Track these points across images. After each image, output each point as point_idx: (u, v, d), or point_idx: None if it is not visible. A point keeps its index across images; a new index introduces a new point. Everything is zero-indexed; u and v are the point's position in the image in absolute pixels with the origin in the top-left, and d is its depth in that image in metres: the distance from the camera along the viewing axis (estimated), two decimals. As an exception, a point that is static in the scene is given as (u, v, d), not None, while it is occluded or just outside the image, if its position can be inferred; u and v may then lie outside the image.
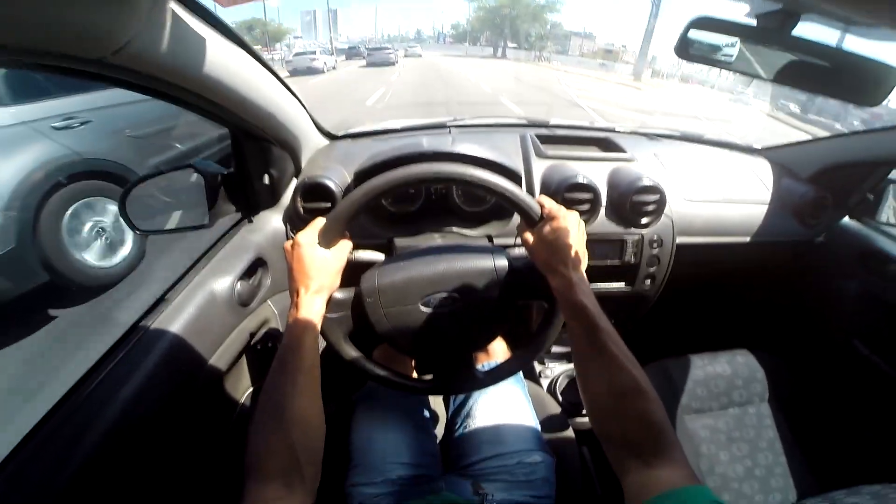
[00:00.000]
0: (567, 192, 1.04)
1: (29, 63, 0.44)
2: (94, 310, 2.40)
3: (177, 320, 0.78)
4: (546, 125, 1.46)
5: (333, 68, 21.47)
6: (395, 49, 28.62)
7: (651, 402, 0.52)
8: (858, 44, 0.66)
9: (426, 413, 0.92)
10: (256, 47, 0.77)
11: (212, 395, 0.87)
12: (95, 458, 0.60)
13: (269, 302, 1.05)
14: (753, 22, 0.65)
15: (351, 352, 0.71)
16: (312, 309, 0.63)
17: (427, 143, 1.02)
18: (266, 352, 1.02)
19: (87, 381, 0.67)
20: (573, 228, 0.66)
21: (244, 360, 0.99)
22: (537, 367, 1.39)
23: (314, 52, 22.13)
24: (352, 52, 30.78)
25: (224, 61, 0.67)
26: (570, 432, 0.96)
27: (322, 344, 0.67)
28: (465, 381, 0.76)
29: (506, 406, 0.88)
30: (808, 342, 1.39)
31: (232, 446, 0.91)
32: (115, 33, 0.45)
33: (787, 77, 0.71)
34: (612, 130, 1.45)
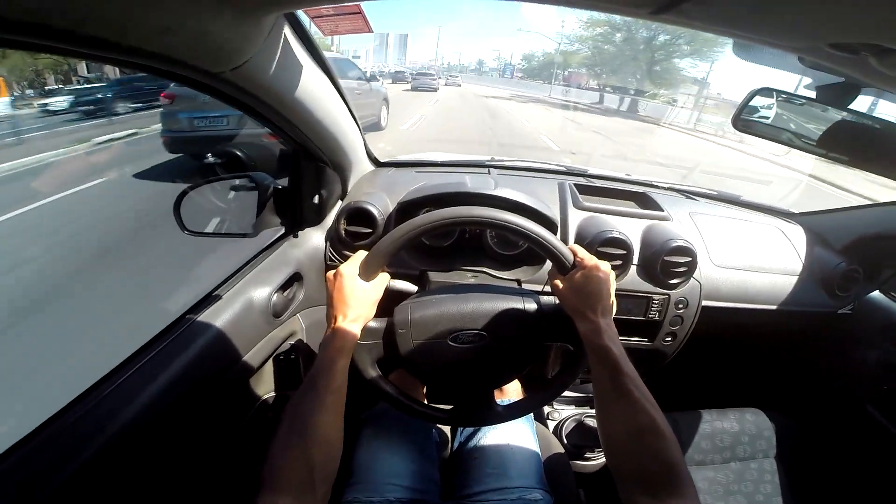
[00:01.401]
0: (601, 245, 1.06)
1: (154, 68, 0.49)
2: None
3: (215, 322, 0.83)
4: (585, 174, 1.49)
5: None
6: (438, 77, 29.31)
7: (668, 442, 0.54)
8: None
9: (432, 440, 0.94)
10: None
11: (236, 395, 0.91)
12: (127, 435, 0.63)
13: (298, 315, 1.09)
14: (813, 94, 0.67)
15: (378, 378, 0.74)
16: (347, 336, 0.67)
17: (471, 183, 1.06)
18: (289, 362, 1.06)
19: (130, 364, 0.71)
20: (605, 278, 0.69)
21: (268, 367, 1.03)
22: (546, 409, 1.39)
23: (433, 74, 27.69)
24: (398, 77, 32.36)
25: (313, 87, 0.73)
26: (570, 474, 0.97)
27: None
28: (484, 415, 0.78)
29: (513, 442, 0.90)
30: (820, 405, 1.37)
31: (246, 446, 0.94)
32: (240, 51, 0.51)
33: (835, 149, 0.72)
34: (650, 185, 1.47)
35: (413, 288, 0.83)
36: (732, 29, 0.36)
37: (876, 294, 1.29)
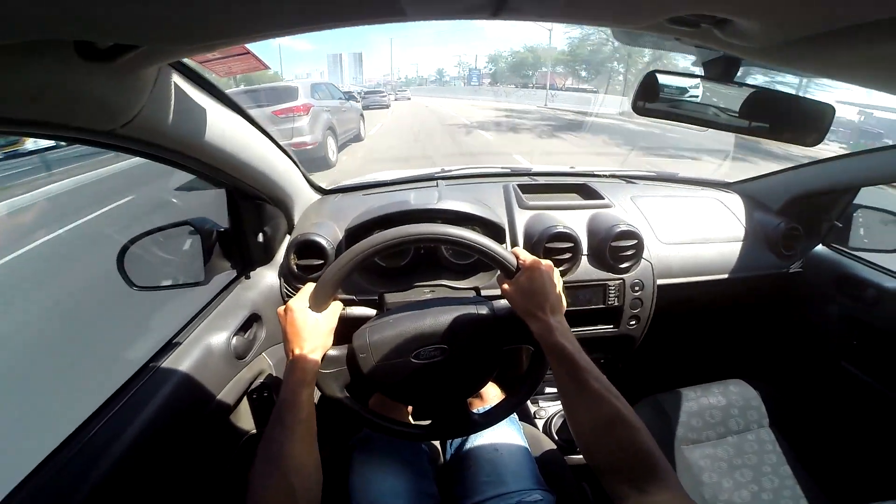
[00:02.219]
0: (549, 241, 1.08)
1: (44, 134, 0.48)
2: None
3: (178, 369, 0.81)
4: (528, 173, 1.53)
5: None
6: (388, 94, 29.01)
7: (635, 430, 0.55)
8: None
9: (424, 456, 0.93)
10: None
11: (212, 438, 0.89)
12: (100, 490, 0.62)
13: (264, 354, 1.07)
14: (701, 70, 0.70)
15: (349, 403, 0.74)
16: (307, 366, 0.67)
17: (414, 199, 1.07)
18: (262, 400, 1.04)
19: (91, 425, 0.69)
20: (548, 276, 0.71)
21: (244, 407, 1.00)
22: (532, 407, 1.40)
23: (382, 91, 28.92)
24: (348, 96, 31.87)
25: (222, 127, 0.72)
26: (568, 469, 0.97)
27: (318, 394, 0.70)
28: (461, 426, 0.78)
29: (503, 447, 0.90)
30: (798, 368, 1.42)
31: (229, 488, 0.92)
32: (125, 107, 0.50)
33: (731, 124, 0.77)
34: (591, 175, 1.52)
35: (371, 312, 0.83)
36: (571, 18, 0.37)
37: (822, 249, 1.36)
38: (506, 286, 0.73)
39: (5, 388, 2.44)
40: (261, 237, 1.02)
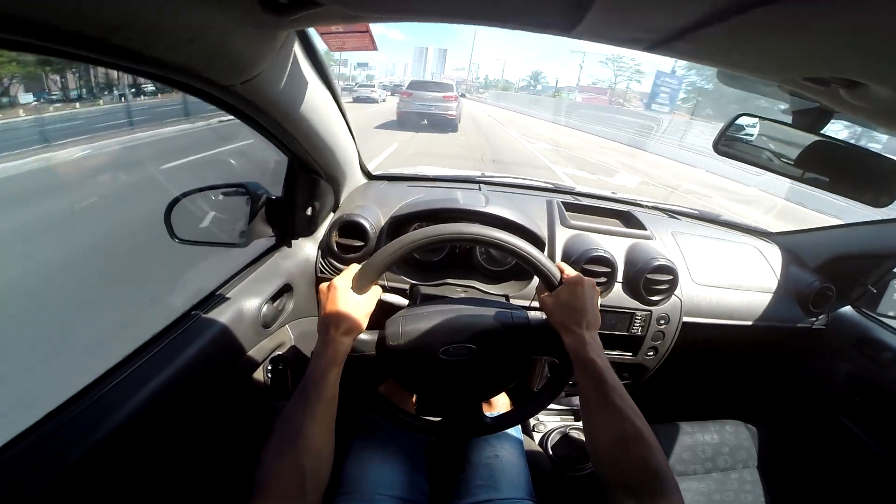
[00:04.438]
0: (587, 263, 1.09)
1: (169, 79, 0.50)
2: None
3: (204, 332, 0.83)
4: (572, 192, 1.54)
5: (384, 100, 25.20)
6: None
7: (652, 449, 0.57)
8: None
9: (421, 451, 0.94)
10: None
11: (225, 403, 0.91)
12: (108, 445, 0.63)
13: (287, 326, 1.09)
14: (789, 119, 0.71)
15: (369, 390, 0.75)
16: (339, 348, 0.68)
17: (462, 199, 1.08)
18: (277, 373, 1.05)
19: (117, 372, 0.71)
20: (590, 294, 0.72)
21: (257, 376, 1.02)
22: (531, 421, 1.41)
23: (373, 87, 28.26)
24: (396, 89, 33.34)
25: (316, 101, 0.75)
26: (558, 485, 0.98)
27: None
28: (473, 427, 0.79)
29: (502, 454, 0.91)
30: (795, 415, 1.42)
31: (237, 453, 0.94)
32: (252, 64, 0.53)
33: (808, 172, 0.77)
34: (635, 204, 1.52)
35: (404, 301, 0.84)
36: (715, 63, 0.39)
37: (849, 311, 1.34)
38: (546, 297, 0.74)
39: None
40: (309, 210, 1.04)
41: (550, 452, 1.30)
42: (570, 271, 0.75)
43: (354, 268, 0.74)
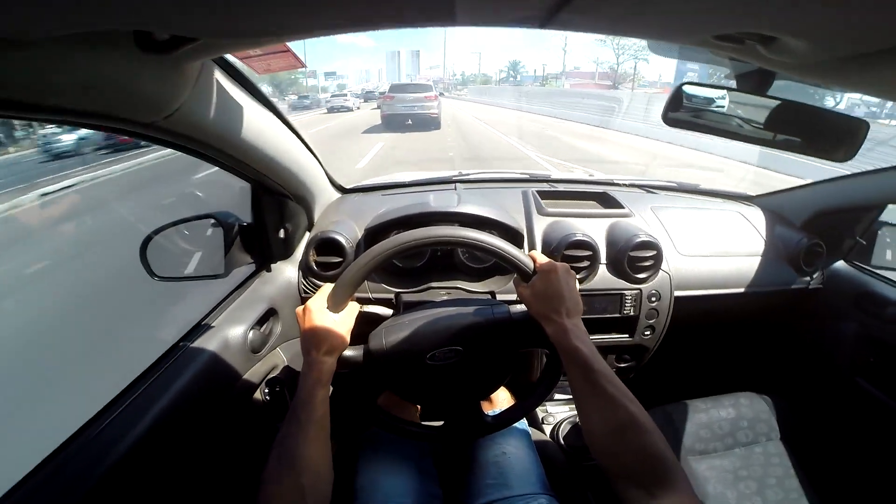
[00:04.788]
0: (567, 249, 1.08)
1: (89, 125, 0.50)
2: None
3: (191, 365, 0.82)
4: (547, 180, 1.53)
5: (358, 108, 25.90)
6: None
7: (650, 435, 0.55)
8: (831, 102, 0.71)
9: (430, 456, 0.94)
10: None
11: (222, 431, 0.90)
12: (106, 485, 0.62)
13: (278, 349, 1.08)
14: (734, 83, 0.70)
15: (367, 403, 0.75)
16: (323, 368, 0.68)
17: (434, 201, 1.08)
18: (274, 394, 1.05)
19: (106, 414, 0.70)
20: (564, 279, 0.70)
21: (256, 402, 1.01)
22: (540, 413, 1.40)
23: (346, 95, 28.67)
24: (369, 96, 35.55)
25: (256, 123, 0.74)
26: (574, 475, 0.97)
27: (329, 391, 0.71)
28: (473, 428, 0.78)
29: (509, 450, 0.90)
30: (812, 383, 1.40)
31: (239, 482, 0.92)
32: (169, 100, 0.52)
33: (763, 137, 0.76)
34: (611, 184, 1.51)
35: (388, 312, 0.83)
36: (619, 31, 0.38)
37: (843, 266, 1.34)
38: (522, 289, 0.73)
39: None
40: (282, 233, 1.04)
41: (562, 443, 1.29)
42: (543, 259, 0.74)
43: (328, 287, 0.73)
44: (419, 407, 1.11)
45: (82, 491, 0.59)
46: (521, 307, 0.77)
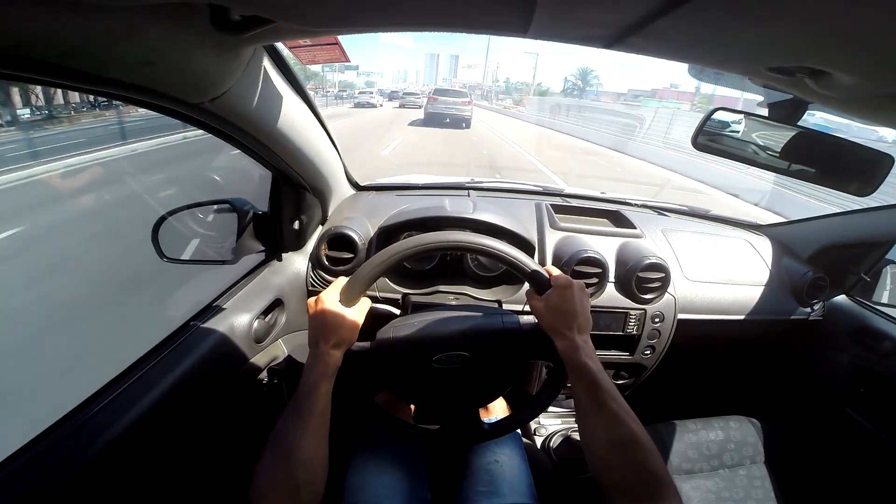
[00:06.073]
0: (577, 265, 1.09)
1: (133, 98, 0.49)
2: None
3: (194, 351, 0.82)
4: (560, 194, 1.54)
5: (381, 105, 28.84)
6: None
7: (648, 453, 0.56)
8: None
9: (423, 460, 0.93)
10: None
11: (219, 421, 0.90)
12: (99, 464, 0.62)
13: (280, 341, 1.08)
14: (766, 112, 0.71)
15: (365, 401, 0.75)
16: (330, 361, 0.67)
17: (450, 206, 1.08)
18: (272, 387, 1.05)
19: (105, 394, 0.70)
20: (579, 297, 0.71)
21: (253, 391, 1.01)
22: (533, 424, 1.40)
23: (372, 93, 32.72)
24: (393, 96, 37.66)
25: (292, 115, 0.74)
26: (561, 488, 0.98)
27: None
28: (470, 434, 0.78)
29: (501, 459, 0.90)
30: (801, 409, 1.41)
31: (232, 469, 0.92)
32: (218, 83, 0.52)
33: (790, 166, 0.76)
34: (624, 203, 1.52)
35: (395, 311, 0.84)
36: (678, 58, 0.39)
37: (844, 300, 1.34)
38: (536, 302, 0.73)
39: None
40: (296, 224, 1.04)
41: (553, 455, 1.29)
42: (560, 274, 0.74)
43: (342, 281, 0.73)
44: (413, 408, 1.12)
45: (74, 470, 0.58)
46: (531, 319, 0.77)
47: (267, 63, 0.62)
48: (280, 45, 0.65)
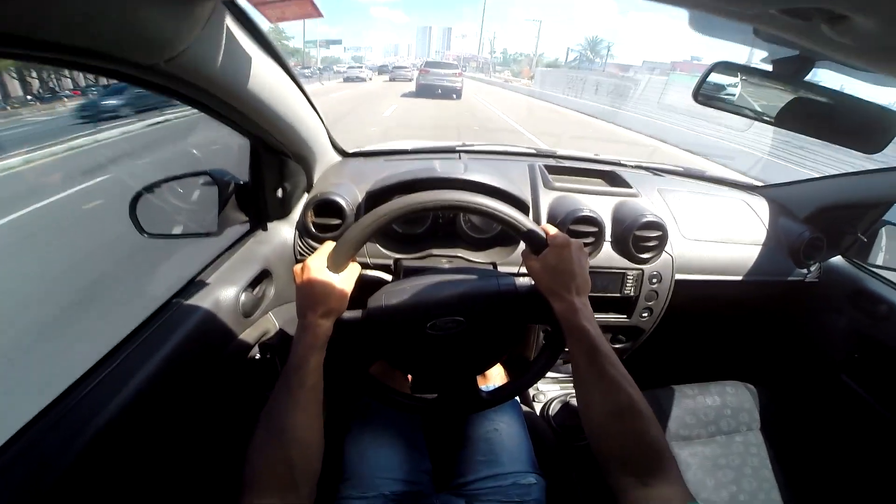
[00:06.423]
0: (573, 224, 1.07)
1: (76, 62, 0.45)
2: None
3: (180, 328, 0.79)
4: (554, 155, 1.50)
5: (370, 79, 29.79)
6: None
7: (647, 422, 0.54)
8: (867, 90, 0.69)
9: (420, 430, 0.93)
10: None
11: (208, 402, 0.87)
12: (88, 456, 0.60)
13: (270, 314, 1.05)
14: (770, 67, 0.68)
15: (357, 370, 0.72)
16: (319, 331, 0.64)
17: (440, 168, 1.05)
18: (265, 362, 1.02)
19: (91, 376, 0.67)
20: (577, 256, 0.68)
21: (246, 368, 0.99)
22: (531, 390, 1.41)
23: (361, 67, 33.65)
24: (383, 69, 39.12)
25: (263, 75, 0.69)
26: (561, 455, 0.98)
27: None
28: (468, 403, 0.77)
29: (501, 427, 0.90)
30: (798, 375, 1.42)
31: (227, 449, 0.91)
32: (174, 41, 0.47)
33: (793, 122, 0.74)
34: (618, 164, 1.49)
35: (387, 277, 0.81)
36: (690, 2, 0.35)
37: (841, 262, 1.34)
38: (532, 262, 0.70)
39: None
40: (280, 192, 1.00)
41: (552, 422, 1.30)
42: (557, 233, 0.71)
43: (329, 245, 0.70)
44: (409, 378, 1.11)
45: (62, 464, 0.56)
46: (527, 280, 0.75)
47: (230, 21, 0.57)
48: (246, 4, 0.59)
